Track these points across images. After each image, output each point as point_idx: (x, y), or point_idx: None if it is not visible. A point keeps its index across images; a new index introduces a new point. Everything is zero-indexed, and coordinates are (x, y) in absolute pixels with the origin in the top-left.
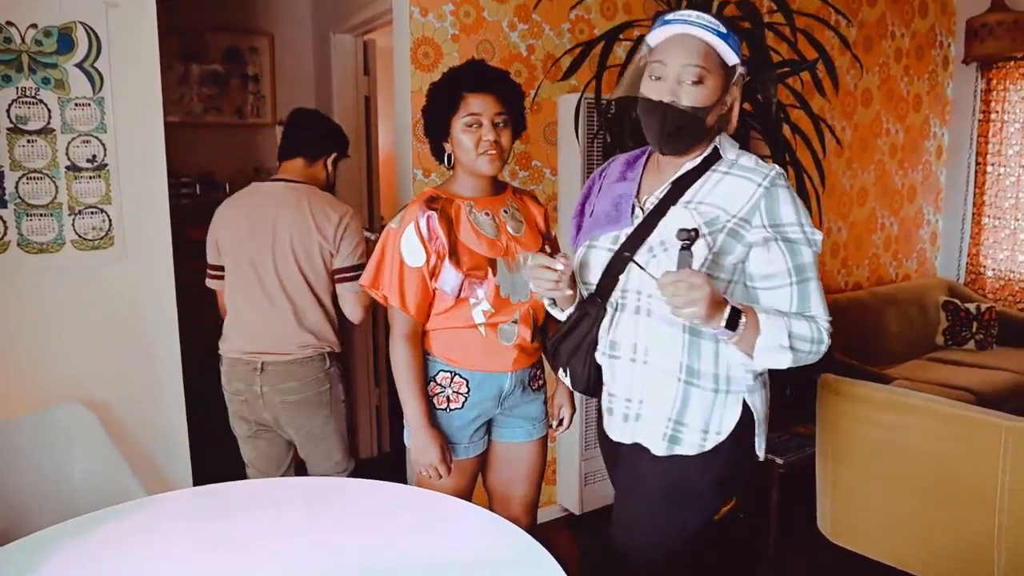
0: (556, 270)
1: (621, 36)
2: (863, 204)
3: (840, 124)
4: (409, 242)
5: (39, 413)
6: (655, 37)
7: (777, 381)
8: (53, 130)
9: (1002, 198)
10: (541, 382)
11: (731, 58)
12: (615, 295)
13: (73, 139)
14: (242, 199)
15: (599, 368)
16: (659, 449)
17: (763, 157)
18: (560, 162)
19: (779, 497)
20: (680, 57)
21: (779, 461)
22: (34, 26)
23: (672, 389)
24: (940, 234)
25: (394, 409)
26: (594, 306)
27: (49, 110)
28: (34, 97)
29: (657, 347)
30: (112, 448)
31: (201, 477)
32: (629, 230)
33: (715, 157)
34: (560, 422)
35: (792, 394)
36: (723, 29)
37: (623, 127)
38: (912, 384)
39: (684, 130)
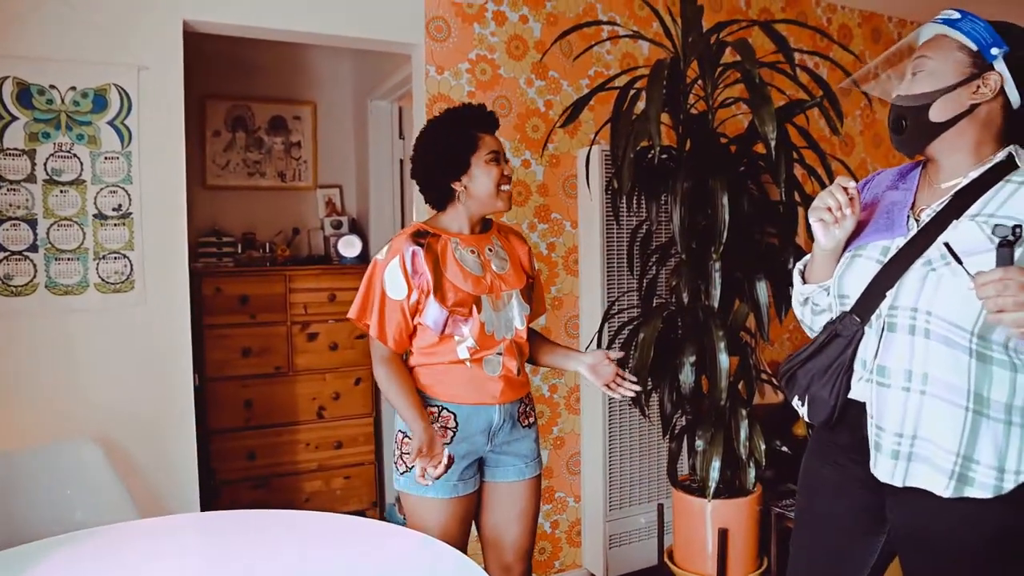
0: (847, 189)
1: (635, 86)
2: None
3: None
4: (392, 275)
5: (47, 446)
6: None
7: None
8: (84, 181)
9: None
10: (532, 419)
11: (970, 44)
12: (881, 312)
13: (101, 189)
14: None
15: (847, 396)
16: (943, 489)
17: (777, 203)
18: (580, 215)
19: None
20: (922, 51)
21: None
22: (73, 88)
23: (958, 420)
24: None
25: None
26: (850, 325)
27: (81, 163)
28: (69, 152)
29: (938, 373)
30: (117, 484)
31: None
32: (902, 241)
33: (1009, 167)
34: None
35: None
36: (953, 16)
37: (623, 175)
38: None
39: (903, 122)
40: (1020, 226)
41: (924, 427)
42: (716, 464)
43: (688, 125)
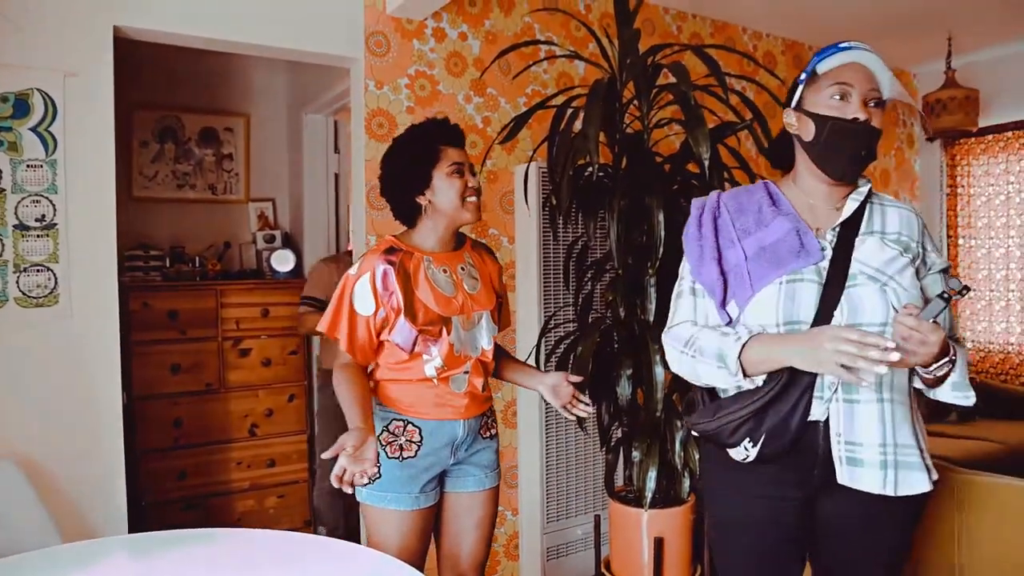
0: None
1: (572, 104)
2: None
3: None
4: (362, 290)
5: None
6: (829, 63)
7: None
8: (3, 190)
9: (975, 270)
10: (493, 431)
11: (887, 92)
12: None
13: (23, 199)
14: None
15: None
16: (927, 485)
17: None
18: (517, 231)
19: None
20: (865, 81)
21: None
22: None
23: (908, 417)
24: None
25: None
26: None
27: (0, 171)
28: None
29: (898, 379)
30: (38, 508)
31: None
32: (825, 263)
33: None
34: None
35: None
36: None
37: (562, 192)
38: None
39: (870, 153)
40: (967, 287)
41: (899, 433)
42: (652, 474)
43: (624, 144)
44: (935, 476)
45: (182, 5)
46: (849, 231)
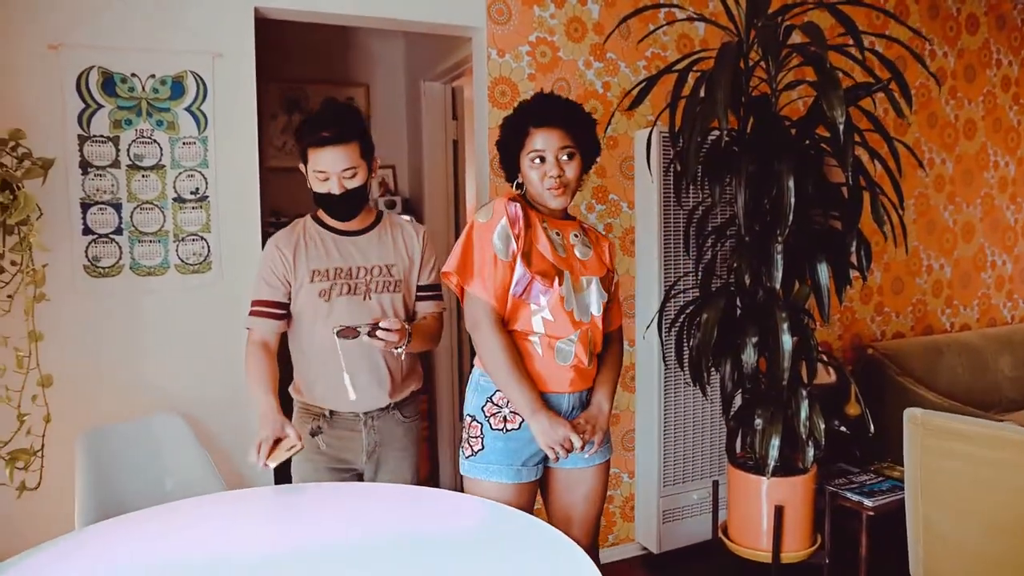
0: None
1: (694, 68)
2: (969, 241)
3: (940, 156)
4: (502, 234)
5: (138, 421)
6: None
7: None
8: (163, 166)
9: None
10: None
11: None
12: None
13: (180, 174)
14: None
15: None
16: None
17: (840, 185)
18: (637, 196)
19: (869, 544)
20: None
21: (868, 504)
22: (152, 76)
23: None
24: None
25: None
26: None
27: (161, 148)
28: (149, 137)
29: None
30: (203, 456)
31: None
32: None
33: None
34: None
35: (876, 432)
36: None
37: (689, 157)
38: None
39: None
40: None
41: None
42: (775, 442)
43: (750, 108)
44: None
45: None
46: None
